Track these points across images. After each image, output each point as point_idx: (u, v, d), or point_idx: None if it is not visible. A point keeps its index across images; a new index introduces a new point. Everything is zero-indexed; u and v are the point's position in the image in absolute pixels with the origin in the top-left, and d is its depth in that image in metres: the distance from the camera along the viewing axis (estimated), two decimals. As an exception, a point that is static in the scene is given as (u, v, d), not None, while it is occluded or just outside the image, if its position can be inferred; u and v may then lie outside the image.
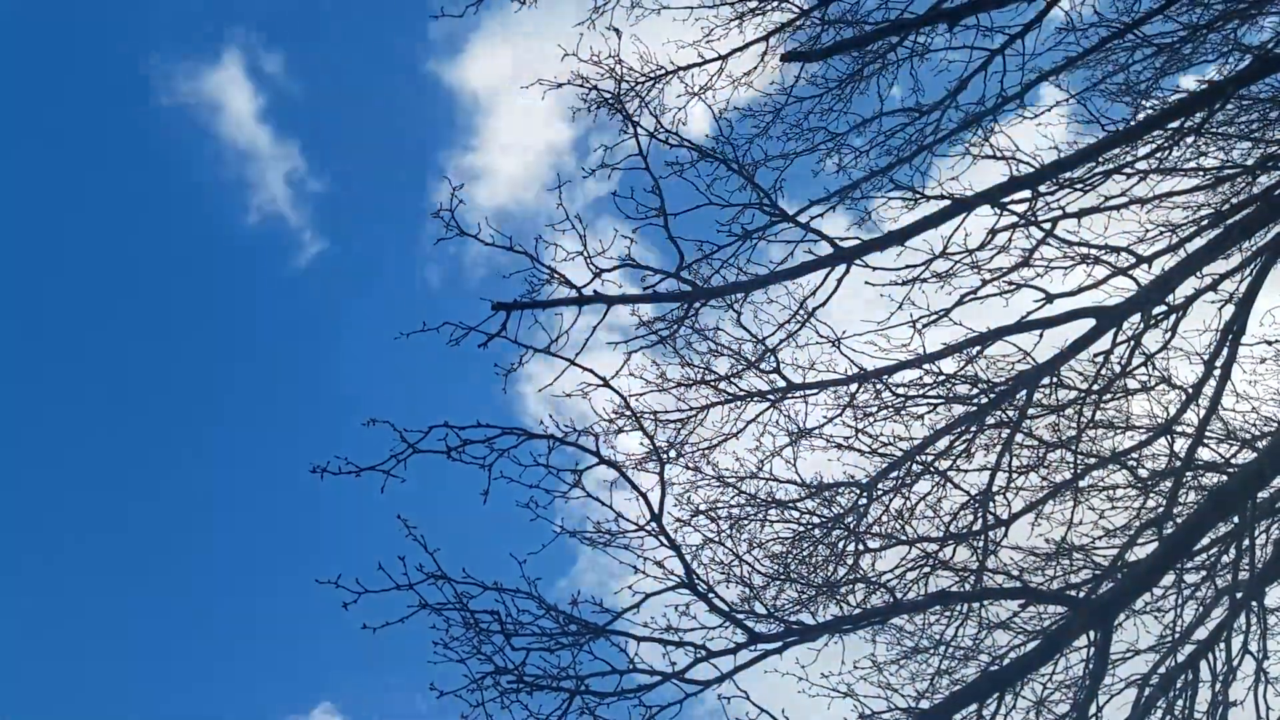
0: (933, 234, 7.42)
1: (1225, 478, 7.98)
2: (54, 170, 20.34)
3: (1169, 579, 7.45)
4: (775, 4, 8.29)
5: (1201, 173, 8.45)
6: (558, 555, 6.40)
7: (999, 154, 7.77)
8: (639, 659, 6.04)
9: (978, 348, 7.62)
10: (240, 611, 20.66)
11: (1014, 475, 7.90)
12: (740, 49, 8.48)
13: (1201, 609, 7.33)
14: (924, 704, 7.06)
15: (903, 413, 7.94)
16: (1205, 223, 8.18)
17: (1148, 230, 8.26)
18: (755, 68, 8.62)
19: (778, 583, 7.64)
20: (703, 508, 7.99)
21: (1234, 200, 8.39)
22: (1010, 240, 7.66)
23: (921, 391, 7.86)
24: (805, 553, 8.01)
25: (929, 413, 7.92)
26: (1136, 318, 7.54)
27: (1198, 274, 7.63)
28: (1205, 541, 7.51)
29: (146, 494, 21.46)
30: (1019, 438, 7.89)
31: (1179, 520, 7.36)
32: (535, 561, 6.15)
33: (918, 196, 7.74)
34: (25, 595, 19.29)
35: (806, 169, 8.74)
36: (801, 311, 7.54)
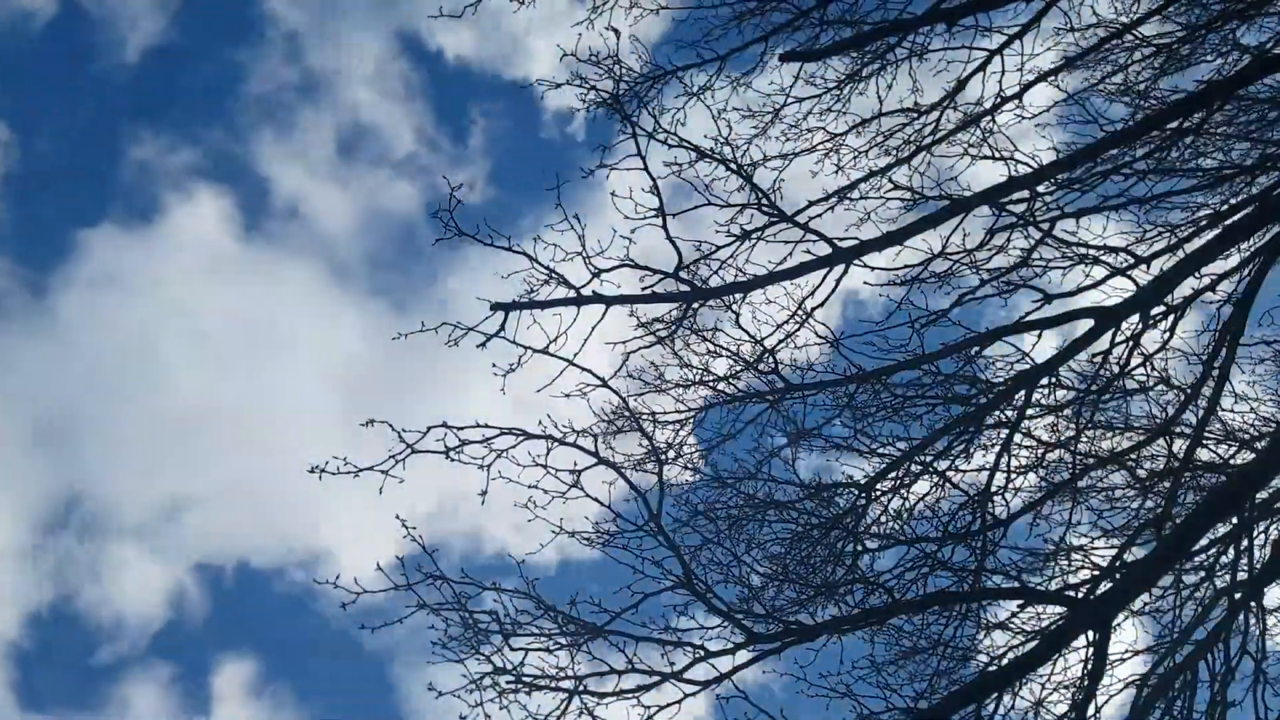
0: (931, 234, 7.44)
1: (1224, 478, 7.98)
2: None
3: (1167, 579, 7.46)
4: (774, 4, 8.29)
5: (1200, 173, 8.45)
6: (556, 555, 6.41)
7: (997, 154, 7.79)
8: (637, 659, 6.06)
9: (976, 348, 7.62)
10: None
11: (1012, 475, 7.89)
12: (739, 49, 8.48)
13: (1200, 609, 7.32)
14: (922, 704, 7.06)
15: (901, 413, 7.94)
16: (1204, 223, 8.18)
17: (1146, 231, 8.28)
18: (754, 68, 8.63)
19: (776, 583, 7.63)
20: (701, 508, 7.99)
21: (1232, 201, 8.39)
22: (1009, 240, 7.67)
23: (920, 392, 7.85)
24: (804, 553, 8.00)
25: (927, 413, 7.92)
26: (1135, 318, 7.54)
27: (1196, 274, 7.62)
28: (1204, 542, 7.51)
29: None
30: (1017, 438, 7.88)
31: (1177, 521, 7.36)
32: (534, 561, 6.17)
33: (916, 197, 7.75)
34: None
35: (805, 169, 8.75)
36: (800, 312, 7.54)
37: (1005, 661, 7.36)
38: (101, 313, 18.70)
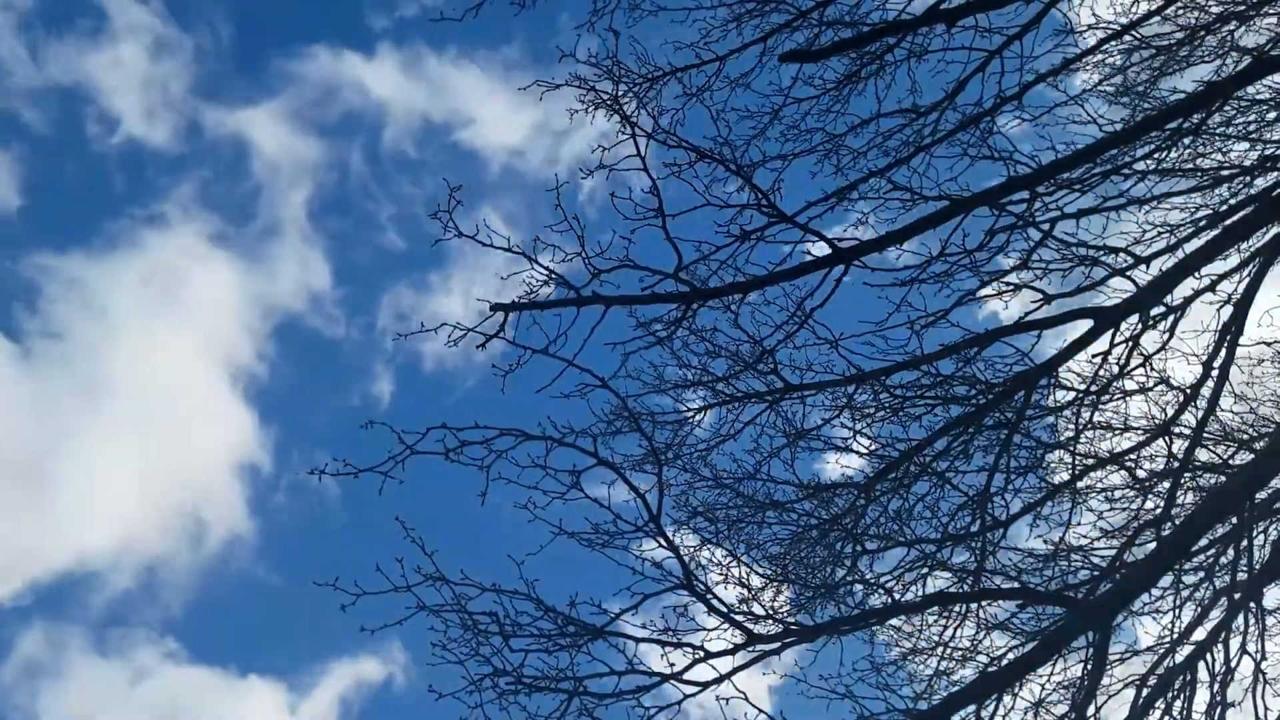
0: (931, 235, 7.43)
1: (1223, 478, 7.98)
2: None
3: (1167, 580, 7.46)
4: (773, 5, 8.28)
5: (1199, 174, 8.46)
6: (556, 556, 6.40)
7: (997, 155, 7.78)
8: (637, 660, 6.05)
9: (976, 349, 7.61)
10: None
11: (1012, 476, 7.89)
12: (738, 50, 8.47)
13: (1200, 610, 7.34)
14: (922, 705, 7.06)
15: (901, 414, 7.93)
16: (1203, 224, 8.19)
17: (1146, 231, 8.27)
18: (753, 69, 8.62)
19: (776, 584, 7.64)
20: (701, 509, 7.99)
21: (1232, 201, 8.40)
22: (1008, 241, 7.66)
23: (919, 392, 7.85)
24: (803, 554, 8.01)
25: (927, 414, 7.91)
26: (1135, 319, 7.54)
27: (1196, 275, 7.62)
28: (1203, 542, 7.52)
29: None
30: (1017, 439, 7.87)
31: (1177, 521, 7.35)
32: (533, 562, 6.16)
33: (916, 197, 7.74)
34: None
35: (805, 170, 8.73)
36: (799, 312, 7.54)
37: (1005, 662, 7.36)
38: None
